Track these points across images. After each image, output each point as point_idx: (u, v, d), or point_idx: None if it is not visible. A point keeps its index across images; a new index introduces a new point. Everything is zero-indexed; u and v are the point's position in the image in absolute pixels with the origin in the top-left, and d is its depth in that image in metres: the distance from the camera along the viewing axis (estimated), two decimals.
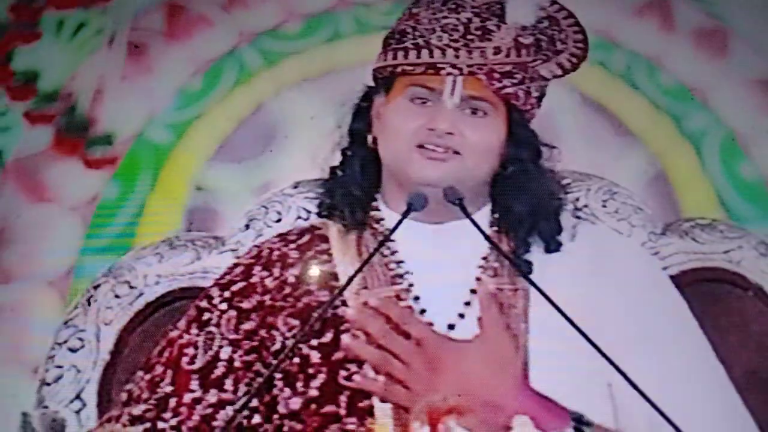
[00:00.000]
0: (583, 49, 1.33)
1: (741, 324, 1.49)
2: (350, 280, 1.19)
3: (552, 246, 1.32)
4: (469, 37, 1.28)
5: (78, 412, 1.45)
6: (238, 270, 1.34)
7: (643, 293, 1.31)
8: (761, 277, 1.50)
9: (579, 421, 1.18)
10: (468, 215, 1.24)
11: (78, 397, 1.45)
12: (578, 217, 1.43)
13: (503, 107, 1.30)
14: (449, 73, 1.27)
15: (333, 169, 1.35)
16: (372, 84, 1.35)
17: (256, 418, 1.27)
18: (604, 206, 1.53)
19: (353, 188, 1.33)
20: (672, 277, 1.45)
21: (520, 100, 1.30)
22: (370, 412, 1.23)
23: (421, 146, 1.27)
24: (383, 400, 1.19)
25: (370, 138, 1.32)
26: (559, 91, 1.94)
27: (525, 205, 1.31)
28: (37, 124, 1.96)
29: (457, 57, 1.27)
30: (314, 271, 1.32)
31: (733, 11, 2.00)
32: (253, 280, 1.32)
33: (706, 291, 1.49)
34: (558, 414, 1.16)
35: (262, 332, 1.29)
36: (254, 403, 1.27)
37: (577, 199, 1.52)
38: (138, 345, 1.47)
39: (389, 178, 1.32)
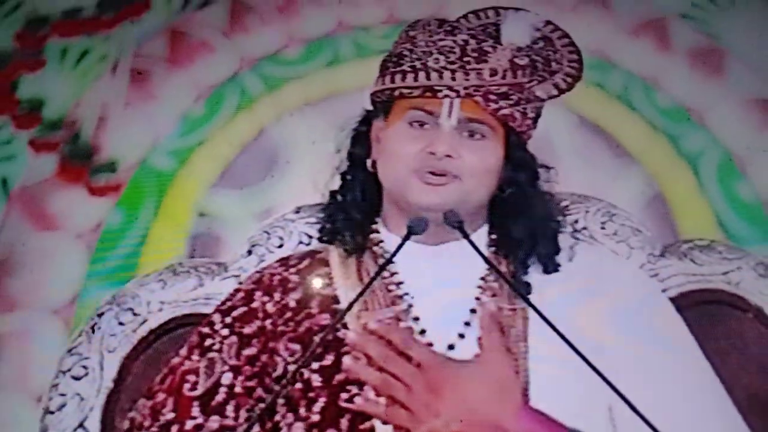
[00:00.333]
0: (578, 69, 1.34)
1: (741, 346, 1.49)
2: (351, 305, 1.20)
3: (550, 267, 1.32)
4: (466, 59, 1.29)
5: None
6: (239, 296, 1.35)
7: (643, 315, 1.32)
8: (760, 298, 1.50)
9: None
10: (468, 238, 1.25)
11: (81, 425, 1.46)
12: (577, 239, 1.44)
13: (501, 129, 1.31)
14: (446, 96, 1.28)
15: (333, 193, 1.36)
16: (370, 108, 1.35)
17: None
18: (603, 228, 1.53)
19: (353, 212, 1.33)
20: (671, 300, 1.45)
21: (517, 121, 1.31)
22: None
23: (420, 171, 1.28)
24: (385, 423, 1.20)
25: (369, 162, 1.33)
26: (557, 113, 1.96)
27: (523, 228, 1.32)
28: (42, 152, 1.97)
29: (453, 79, 1.28)
30: (315, 291, 1.32)
31: (730, 31, 2.01)
32: (254, 305, 1.32)
33: (705, 313, 1.49)
34: (560, 430, 1.17)
35: (264, 357, 1.29)
36: (256, 429, 1.27)
37: (576, 221, 1.53)
38: (141, 372, 1.48)
39: (389, 201, 1.33)
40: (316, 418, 1.26)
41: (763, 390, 1.48)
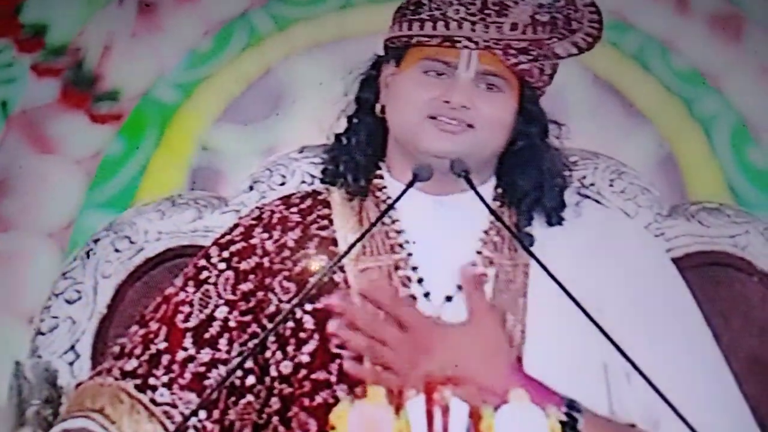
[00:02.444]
0: (599, 29, 1.33)
1: (745, 309, 1.48)
2: (350, 248, 1.18)
3: (554, 219, 1.31)
4: (487, 11, 1.28)
5: (71, 363, 1.44)
6: (238, 231, 1.33)
7: (644, 275, 1.30)
8: (767, 263, 1.49)
9: (571, 407, 1.18)
10: (473, 187, 1.23)
11: (72, 348, 1.44)
12: (585, 196, 1.42)
13: (516, 83, 1.29)
14: (465, 47, 1.27)
15: (338, 136, 1.35)
16: (381, 53, 1.34)
17: (250, 380, 1.26)
18: (611, 185, 1.52)
19: (357, 155, 1.32)
20: (676, 260, 1.44)
21: (534, 77, 1.30)
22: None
23: (433, 117, 1.27)
24: (375, 384, 1.19)
25: (378, 106, 1.31)
26: (571, 70, 1.94)
27: (530, 180, 1.30)
28: (44, 77, 1.94)
29: (473, 31, 1.27)
30: (314, 232, 1.30)
31: None
32: (253, 241, 1.31)
33: (710, 274, 1.48)
34: (550, 397, 1.16)
35: (260, 294, 1.28)
36: (249, 364, 1.26)
37: (584, 177, 1.51)
38: (135, 300, 1.46)
39: (395, 147, 1.32)
40: (305, 359, 1.25)
41: (764, 353, 1.47)
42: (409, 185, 1.24)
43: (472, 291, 1.19)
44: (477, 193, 1.23)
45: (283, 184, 1.50)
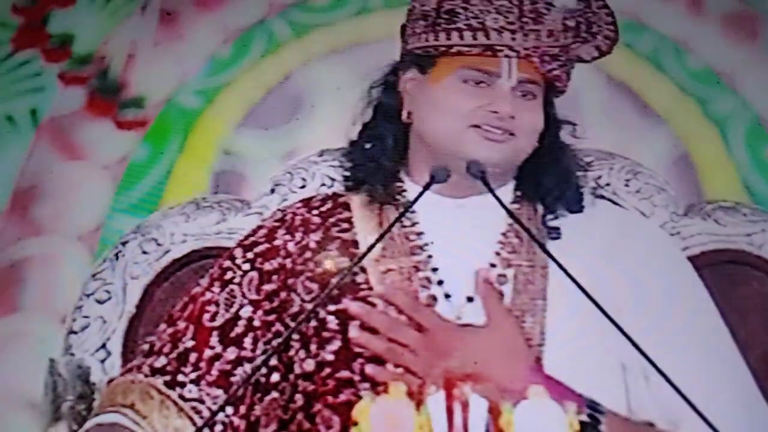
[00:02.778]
0: (616, 32, 1.35)
1: (761, 307, 1.48)
2: (369, 249, 1.20)
3: (575, 208, 1.33)
4: (524, 19, 1.29)
5: (103, 361, 1.47)
6: (262, 232, 1.35)
7: (662, 274, 1.31)
8: None
9: (593, 407, 1.19)
10: (490, 189, 1.25)
11: (103, 346, 1.47)
12: (601, 196, 1.44)
13: (543, 88, 1.31)
14: (506, 56, 1.28)
15: (359, 142, 1.36)
16: (398, 59, 1.35)
17: (275, 377, 1.29)
18: (627, 185, 1.52)
19: (384, 161, 1.33)
20: (693, 258, 1.44)
21: (563, 81, 1.32)
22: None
23: (476, 126, 1.28)
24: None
25: (404, 113, 1.32)
26: (586, 71, 1.93)
27: (553, 178, 1.32)
28: (71, 85, 1.99)
29: (513, 39, 1.28)
30: (335, 234, 1.32)
31: None
32: (276, 243, 1.33)
33: (726, 273, 1.48)
34: (570, 396, 1.17)
35: (283, 294, 1.30)
36: (273, 362, 1.29)
37: (600, 177, 1.52)
38: (163, 299, 1.49)
39: (417, 152, 1.33)
40: (329, 357, 1.27)
41: None
42: (426, 187, 1.25)
43: (488, 294, 1.21)
44: (494, 194, 1.24)
45: (303, 186, 1.52)
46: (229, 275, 1.33)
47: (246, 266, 1.33)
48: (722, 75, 1.98)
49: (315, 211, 1.36)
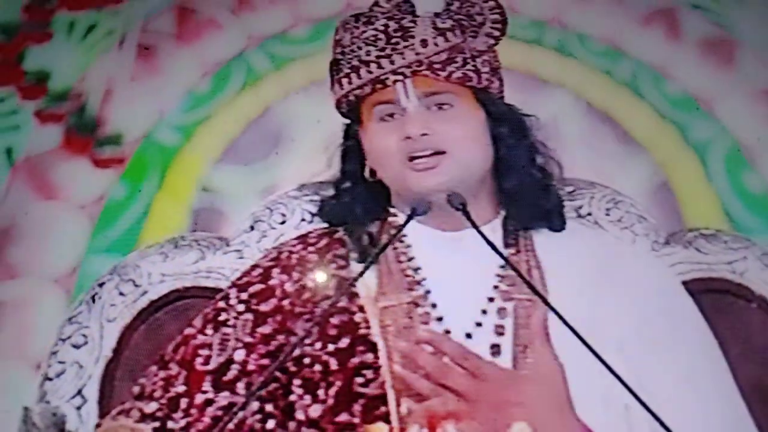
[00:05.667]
0: (501, 12, 1.32)
1: (744, 336, 1.48)
2: (360, 274, 1.19)
3: (556, 224, 1.31)
4: (393, 41, 1.28)
5: (79, 408, 1.45)
6: (257, 272, 1.33)
7: (655, 299, 1.30)
8: (765, 288, 1.49)
9: None
10: (470, 220, 1.24)
11: (79, 392, 1.45)
12: (582, 224, 1.43)
13: (468, 92, 1.29)
14: (395, 81, 1.27)
15: (335, 200, 1.34)
16: (347, 120, 1.34)
17: (270, 424, 1.26)
18: (608, 214, 1.53)
19: (358, 209, 1.32)
20: None
21: (473, 80, 1.29)
22: (386, 419, 1.22)
23: (411, 159, 1.27)
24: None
25: (367, 170, 1.32)
26: (564, 99, 1.96)
27: (515, 180, 1.29)
28: (48, 123, 1.97)
29: (392, 63, 1.28)
30: (332, 272, 1.31)
31: (741, 22, 1.99)
32: (272, 282, 1.31)
33: (709, 302, 1.48)
34: None
35: (280, 337, 1.28)
36: (269, 408, 1.26)
37: (581, 207, 1.52)
38: (140, 343, 1.48)
39: (398, 196, 1.32)
40: (330, 401, 1.24)
41: (764, 379, 1.47)
42: (408, 220, 1.25)
43: (539, 334, 1.18)
44: (475, 226, 1.23)
45: (283, 222, 1.51)
46: (222, 317, 1.31)
47: (240, 307, 1.31)
48: (701, 101, 1.99)
49: (311, 248, 1.34)
